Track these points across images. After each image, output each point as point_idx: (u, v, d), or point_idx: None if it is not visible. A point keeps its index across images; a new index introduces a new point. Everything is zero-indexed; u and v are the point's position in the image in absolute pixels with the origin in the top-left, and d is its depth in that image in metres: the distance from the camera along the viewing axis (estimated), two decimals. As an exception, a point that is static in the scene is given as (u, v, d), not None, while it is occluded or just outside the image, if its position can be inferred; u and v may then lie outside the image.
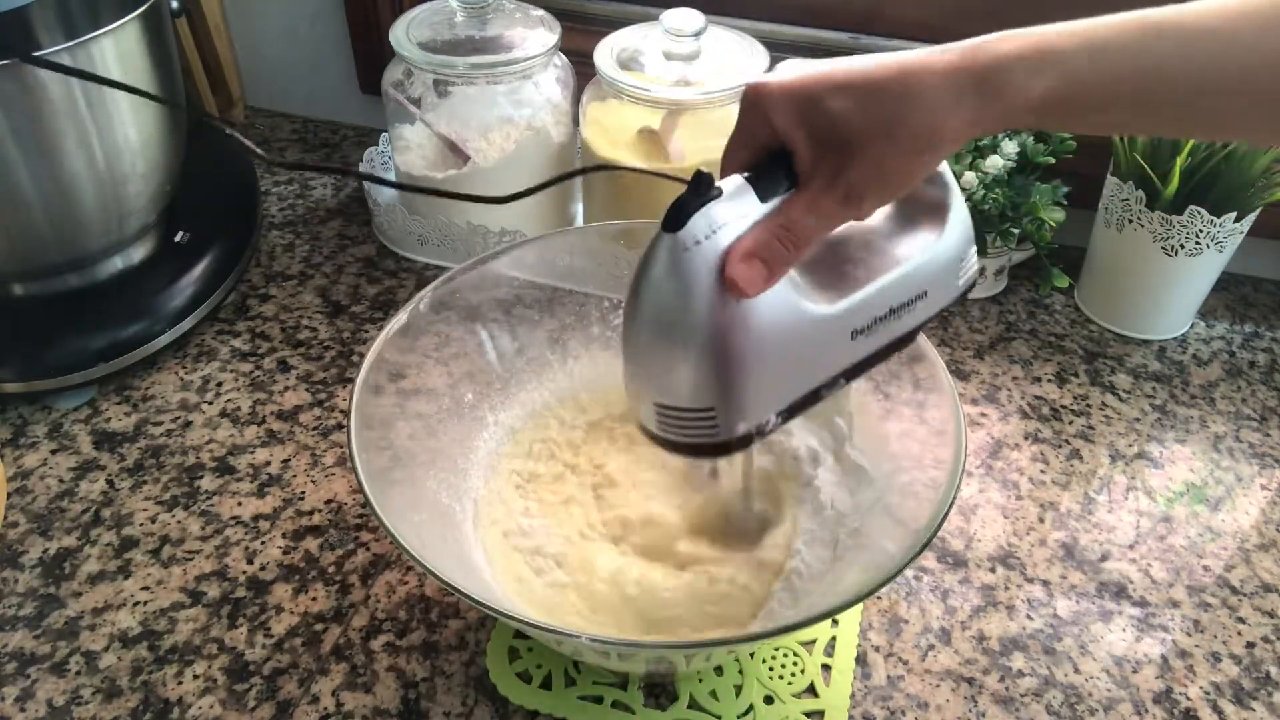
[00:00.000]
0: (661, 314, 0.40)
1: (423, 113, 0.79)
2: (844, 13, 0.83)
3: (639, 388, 0.43)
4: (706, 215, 0.39)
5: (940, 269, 0.45)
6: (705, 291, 0.39)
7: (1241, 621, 0.60)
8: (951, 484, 0.47)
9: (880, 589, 0.44)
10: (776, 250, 0.39)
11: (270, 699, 0.53)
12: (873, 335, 0.44)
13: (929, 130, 0.38)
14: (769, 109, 0.39)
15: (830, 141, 0.38)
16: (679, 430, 0.43)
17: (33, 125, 0.61)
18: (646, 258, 0.40)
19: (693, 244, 0.38)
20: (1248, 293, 0.85)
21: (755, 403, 0.42)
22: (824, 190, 0.39)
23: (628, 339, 0.42)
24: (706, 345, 0.40)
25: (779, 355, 0.41)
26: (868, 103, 0.38)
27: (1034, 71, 0.37)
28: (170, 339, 0.72)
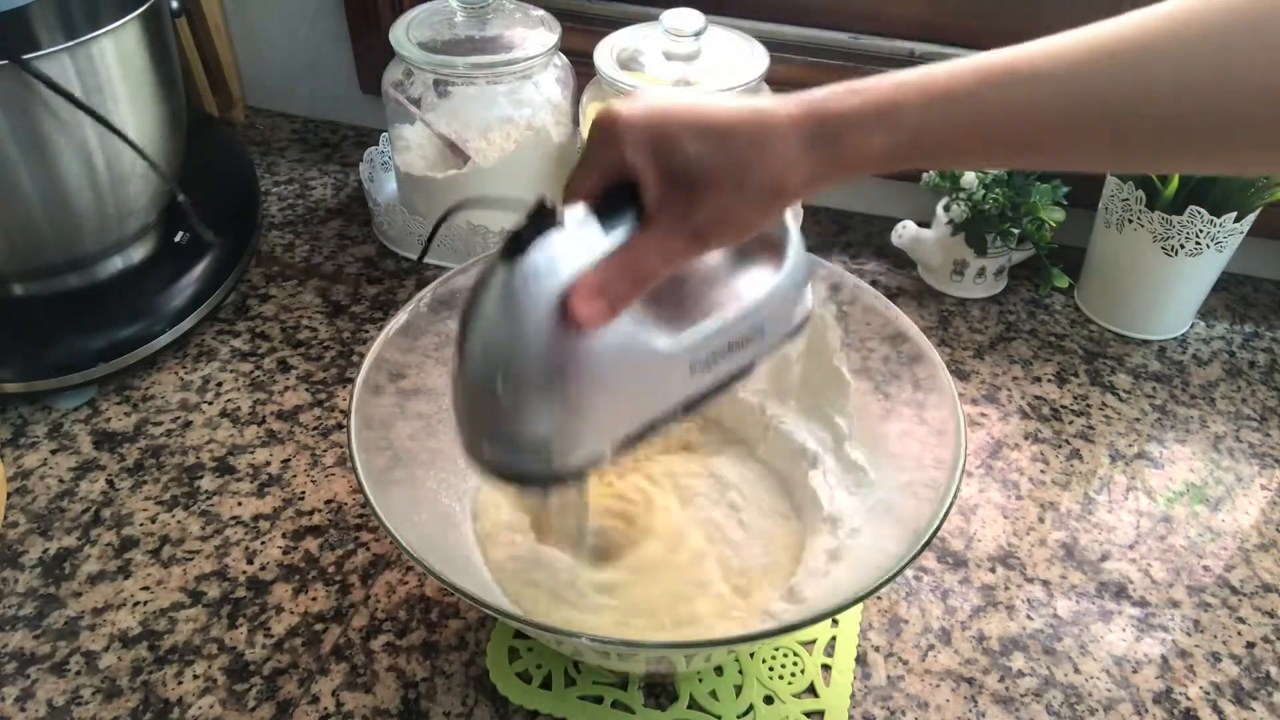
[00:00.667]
0: (494, 346, 0.39)
1: (423, 113, 0.79)
2: (844, 13, 0.83)
3: (469, 418, 0.42)
4: (547, 246, 0.38)
5: (777, 305, 0.45)
6: (542, 324, 0.37)
7: (1241, 621, 0.60)
8: (951, 484, 0.47)
9: (880, 589, 0.44)
10: (620, 287, 0.38)
11: (270, 699, 0.53)
12: (711, 370, 0.44)
13: (774, 181, 0.38)
14: (621, 141, 0.39)
15: (679, 180, 0.38)
16: (511, 463, 0.42)
17: (33, 125, 0.61)
18: (480, 286, 0.39)
19: (531, 275, 0.37)
20: (1248, 293, 0.85)
21: (591, 435, 0.41)
22: (671, 229, 0.39)
23: (459, 368, 0.41)
24: (540, 378, 0.39)
25: (616, 388, 0.41)
26: (719, 148, 0.38)
27: (871, 129, 0.38)
28: (170, 339, 0.72)
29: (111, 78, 0.63)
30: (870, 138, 0.38)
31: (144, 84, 0.67)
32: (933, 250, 0.82)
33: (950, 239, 0.80)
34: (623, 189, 0.39)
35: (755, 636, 0.46)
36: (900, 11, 0.82)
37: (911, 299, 0.82)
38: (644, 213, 0.39)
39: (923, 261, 0.84)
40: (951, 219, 0.79)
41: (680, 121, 0.38)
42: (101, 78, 0.63)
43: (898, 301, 0.81)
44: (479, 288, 0.39)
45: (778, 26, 0.85)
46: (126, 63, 0.64)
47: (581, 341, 0.38)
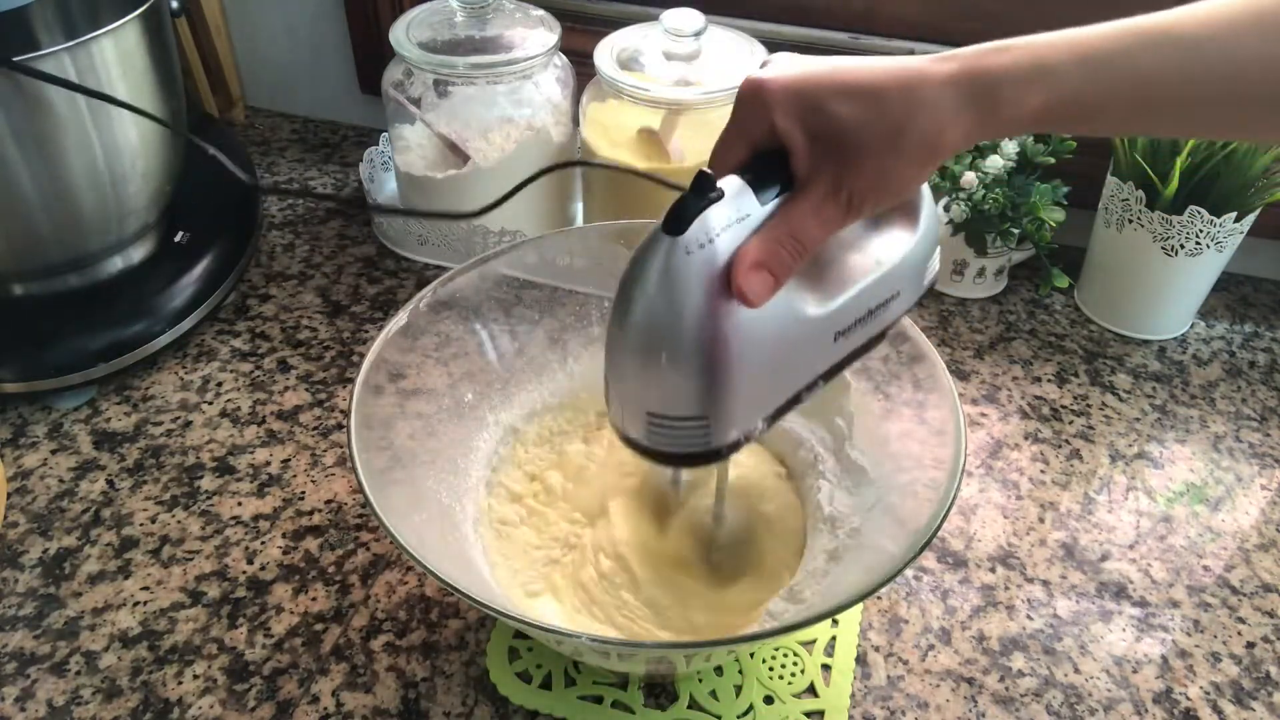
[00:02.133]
0: (656, 321, 0.39)
1: (423, 113, 0.79)
2: (844, 13, 0.83)
3: (626, 396, 0.42)
4: (706, 219, 0.38)
5: (912, 269, 0.45)
6: (704, 298, 0.38)
7: (1241, 621, 0.60)
8: (951, 484, 0.47)
9: (880, 589, 0.44)
10: (783, 258, 0.38)
11: (270, 699, 0.53)
12: (852, 335, 0.44)
13: (930, 139, 0.38)
14: (770, 107, 0.39)
15: (831, 145, 0.38)
16: (669, 439, 0.42)
17: (33, 125, 0.61)
18: (641, 261, 0.39)
19: (695, 248, 0.37)
20: (1248, 293, 0.85)
21: (747, 409, 0.42)
22: (827, 197, 0.38)
23: (616, 345, 0.41)
24: (703, 353, 0.39)
25: (771, 360, 0.41)
26: (871, 109, 0.37)
27: (1029, 84, 0.37)
28: (170, 339, 0.72)
29: (111, 78, 0.63)
30: (1027, 95, 0.37)
31: (144, 84, 0.67)
32: (933, 250, 0.82)
33: (950, 239, 0.80)
34: (774, 156, 0.39)
35: (755, 636, 0.46)
36: (900, 11, 0.82)
37: (911, 299, 0.82)
38: (796, 180, 0.39)
39: (923, 261, 0.84)
40: (951, 219, 0.79)
41: (828, 84, 0.38)
42: (101, 78, 0.63)
43: (898, 301, 0.81)
44: (639, 263, 0.39)
45: (778, 26, 0.85)
46: (126, 63, 0.64)
47: (740, 314, 0.38)
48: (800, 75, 0.38)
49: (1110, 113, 0.38)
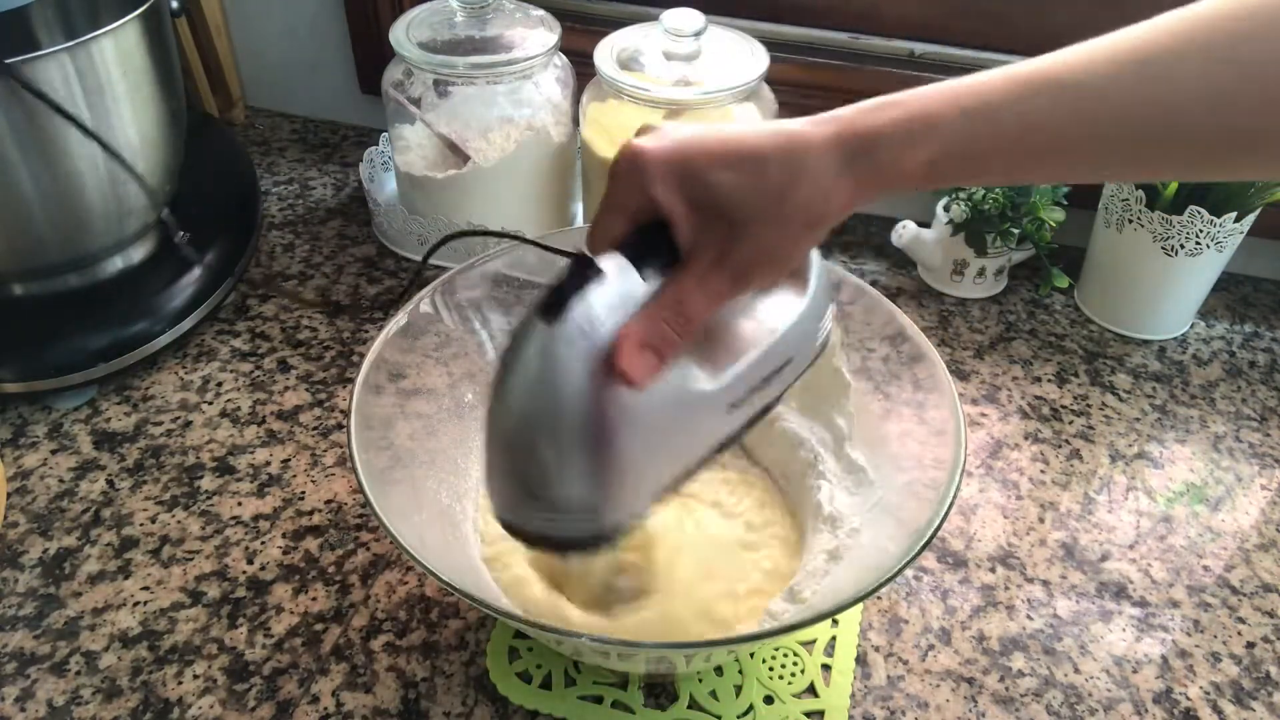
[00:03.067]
0: (537, 412, 0.37)
1: (423, 113, 0.79)
2: (844, 13, 0.83)
3: (508, 486, 0.40)
4: (587, 303, 0.36)
5: (804, 332, 0.43)
6: (587, 385, 0.36)
7: (1241, 621, 0.60)
8: (951, 484, 0.47)
9: (880, 589, 0.44)
10: (667, 336, 0.37)
11: (270, 699, 0.53)
12: (747, 405, 0.42)
13: (814, 205, 0.37)
14: (648, 178, 0.37)
15: (714, 216, 0.36)
16: (555, 528, 0.40)
17: (33, 125, 0.61)
18: (518, 348, 0.37)
19: (576, 334, 0.36)
20: (1248, 293, 0.85)
21: (636, 491, 0.40)
22: (711, 269, 0.37)
23: (494, 437, 0.39)
24: (589, 442, 0.37)
25: (662, 440, 0.40)
26: (752, 178, 0.36)
27: (909, 143, 0.36)
28: (170, 339, 0.72)
29: (111, 78, 0.63)
30: (909, 152, 0.36)
31: (144, 84, 0.67)
32: (933, 250, 0.82)
33: (950, 239, 0.80)
34: (654, 229, 0.38)
35: (755, 636, 0.46)
36: (900, 11, 0.82)
37: (911, 299, 0.82)
38: (680, 252, 0.38)
39: (923, 261, 0.84)
40: (951, 219, 0.79)
41: (708, 153, 0.37)
42: (101, 78, 0.63)
43: (898, 301, 0.81)
44: (517, 349, 0.37)
45: (778, 26, 0.85)
46: (126, 63, 0.64)
47: (627, 397, 0.37)
48: (679, 144, 0.37)
49: (995, 162, 0.37)
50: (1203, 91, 0.34)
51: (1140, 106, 0.35)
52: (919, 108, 0.37)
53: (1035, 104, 0.36)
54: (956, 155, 0.37)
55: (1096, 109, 0.36)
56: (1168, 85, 0.35)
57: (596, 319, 0.36)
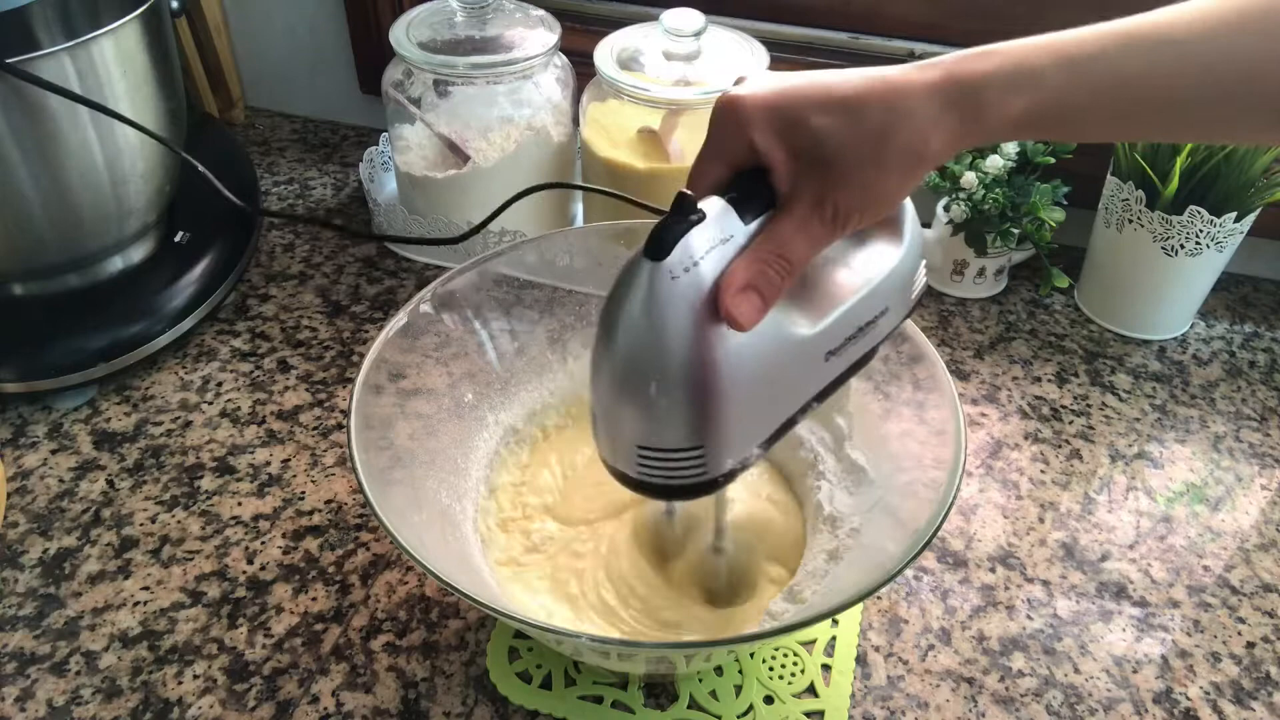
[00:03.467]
0: (643, 351, 0.37)
1: (423, 113, 0.79)
2: (844, 13, 0.83)
3: (615, 430, 0.41)
4: (689, 242, 0.36)
5: (899, 282, 0.43)
6: (692, 325, 0.36)
7: (1241, 621, 0.60)
8: (951, 484, 0.47)
9: (880, 589, 0.44)
10: (770, 279, 0.37)
11: (270, 699, 0.53)
12: (843, 355, 0.43)
13: (914, 149, 0.37)
14: (747, 125, 0.37)
15: (813, 161, 0.37)
16: (662, 473, 0.40)
17: (33, 126, 0.61)
18: (624, 288, 0.37)
19: (680, 273, 0.36)
20: (1248, 293, 0.85)
21: (741, 436, 0.40)
22: (812, 213, 0.37)
23: (601, 377, 0.39)
24: (695, 383, 0.37)
25: (764, 385, 0.40)
26: (852, 122, 0.36)
27: (1012, 90, 0.37)
28: (170, 339, 0.72)
29: (111, 78, 0.63)
30: (1011, 99, 0.37)
31: (144, 84, 0.67)
32: (933, 250, 0.82)
33: (950, 239, 0.80)
34: (755, 175, 0.38)
35: (755, 636, 0.46)
36: (900, 11, 0.82)
37: (911, 299, 0.82)
38: (779, 197, 0.38)
39: (923, 261, 0.84)
40: (951, 219, 0.79)
41: (806, 98, 0.37)
42: (101, 78, 0.63)
43: (898, 301, 0.81)
44: (622, 291, 0.37)
45: (778, 26, 0.85)
46: (126, 63, 0.64)
47: (730, 339, 0.37)
48: (777, 91, 0.37)
49: (1093, 116, 0.38)
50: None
51: (1241, 65, 0.36)
52: (1021, 56, 0.37)
53: (1135, 59, 0.36)
54: (1055, 106, 0.37)
55: (1196, 66, 0.36)
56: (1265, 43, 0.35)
57: (699, 259, 0.36)
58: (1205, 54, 0.36)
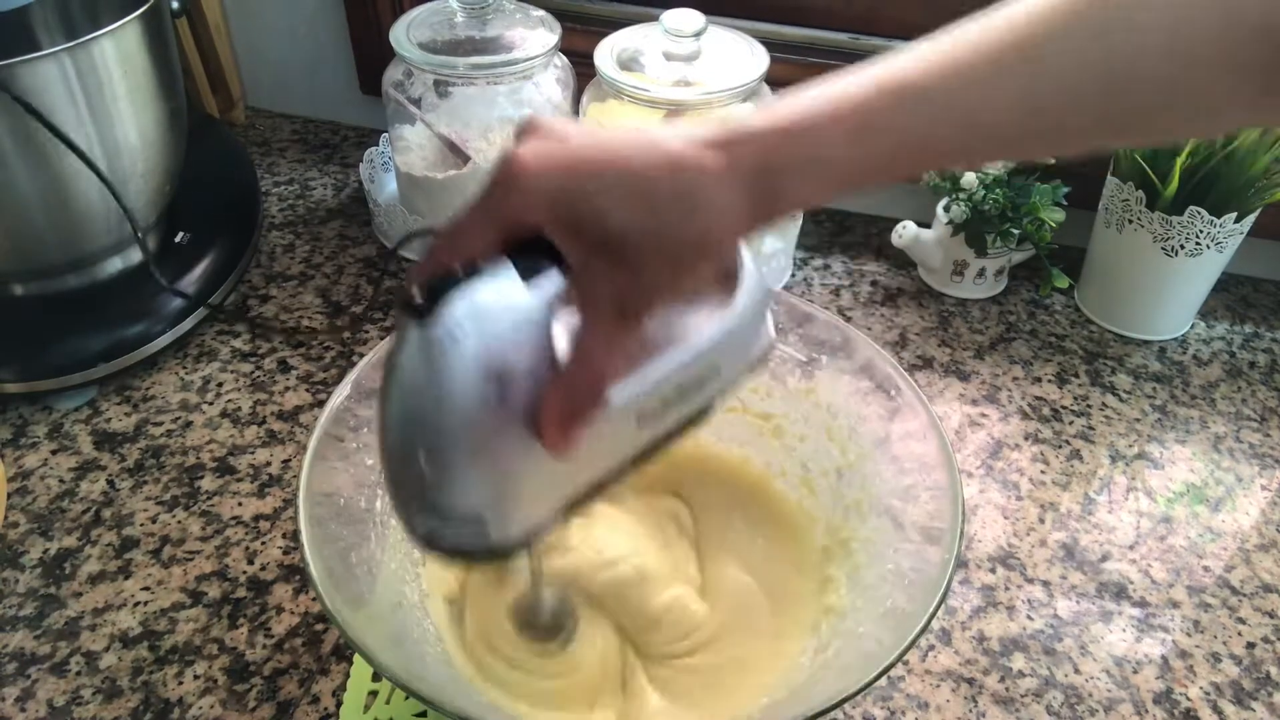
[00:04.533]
0: (416, 415, 0.35)
1: (423, 113, 0.79)
2: (844, 13, 0.83)
3: (398, 495, 0.38)
4: (460, 300, 0.34)
5: (733, 341, 0.40)
6: (467, 389, 0.34)
7: (1241, 622, 0.60)
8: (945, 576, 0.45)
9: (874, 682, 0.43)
10: (588, 401, 0.35)
11: (270, 699, 0.53)
12: (662, 418, 0.40)
13: (710, 236, 0.35)
14: (531, 203, 0.34)
15: (602, 247, 0.34)
16: (446, 539, 0.38)
17: (33, 125, 0.61)
18: (396, 351, 0.35)
19: (449, 333, 0.34)
20: (1248, 293, 0.85)
21: (530, 504, 0.38)
22: (614, 322, 0.35)
23: (382, 442, 0.37)
24: (470, 449, 0.35)
25: (550, 456, 0.37)
26: (643, 211, 0.34)
27: (804, 177, 0.36)
28: (170, 339, 0.72)
29: (111, 78, 0.63)
30: (805, 185, 0.36)
31: (144, 84, 0.67)
32: (933, 250, 0.82)
33: (950, 239, 0.80)
34: (535, 240, 0.35)
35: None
36: (900, 13, 0.82)
37: (911, 299, 0.82)
38: (567, 274, 0.36)
39: (923, 262, 0.84)
40: (951, 219, 0.79)
41: (597, 175, 0.34)
42: (101, 78, 0.63)
43: (898, 302, 0.81)
44: (395, 353, 0.35)
45: (778, 26, 0.85)
46: (126, 63, 0.64)
47: (511, 404, 0.34)
48: (566, 165, 0.35)
49: (877, 179, 0.37)
50: (1083, 80, 0.35)
51: (1029, 104, 0.36)
52: (811, 137, 0.36)
53: (915, 119, 0.36)
54: (846, 181, 0.37)
55: (982, 116, 0.36)
56: (1052, 80, 0.35)
57: (474, 318, 0.34)
58: (990, 102, 0.36)
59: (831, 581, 0.54)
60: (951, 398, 0.73)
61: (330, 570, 0.45)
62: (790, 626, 0.53)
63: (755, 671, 0.51)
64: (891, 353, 0.60)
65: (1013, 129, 0.36)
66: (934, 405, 0.53)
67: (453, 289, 0.34)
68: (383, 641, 0.44)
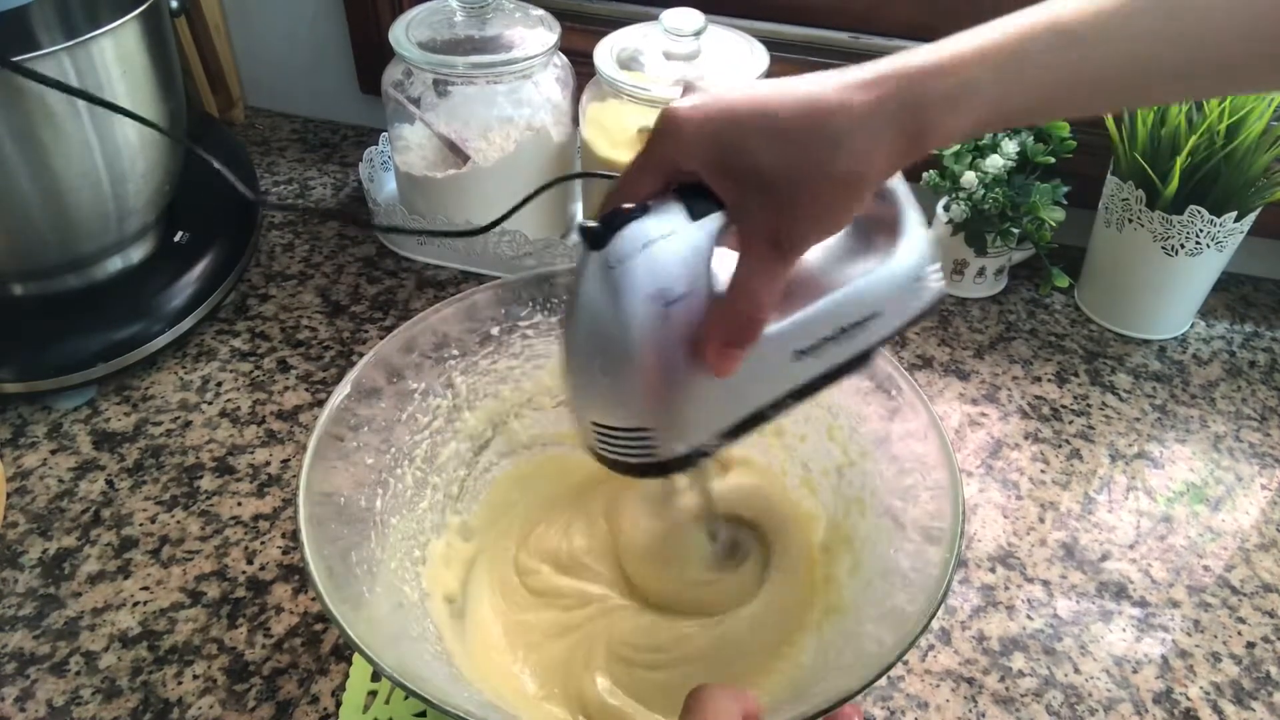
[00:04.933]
0: (594, 333, 0.39)
1: (423, 113, 0.79)
2: (844, 13, 0.83)
3: (577, 406, 0.42)
4: (635, 231, 0.37)
5: (893, 288, 0.42)
6: (638, 310, 0.37)
7: (1241, 621, 0.60)
8: (942, 584, 0.45)
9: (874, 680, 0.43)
10: (747, 328, 0.37)
11: (270, 699, 0.53)
12: (820, 356, 0.42)
13: (856, 174, 0.37)
14: (689, 149, 0.37)
15: (757, 189, 0.37)
16: (617, 450, 0.41)
17: (32, 125, 0.61)
18: (577, 277, 0.39)
19: (624, 259, 0.37)
20: (1248, 293, 0.85)
21: (693, 423, 0.41)
22: (768, 251, 0.37)
23: (565, 358, 0.41)
24: (640, 365, 0.38)
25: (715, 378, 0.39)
26: (793, 149, 0.36)
27: (954, 108, 0.37)
28: (170, 339, 0.72)
29: (111, 78, 0.63)
30: (953, 118, 0.37)
31: (144, 84, 0.67)
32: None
33: (950, 238, 0.80)
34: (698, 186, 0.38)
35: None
36: (900, 12, 0.82)
37: (911, 299, 0.82)
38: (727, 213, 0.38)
39: (923, 261, 0.84)
40: (951, 219, 0.79)
41: (747, 123, 0.36)
42: (101, 78, 0.63)
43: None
44: (576, 278, 0.39)
45: (778, 26, 0.85)
46: (126, 63, 0.64)
47: (679, 326, 0.38)
48: (718, 113, 0.37)
49: (1027, 117, 0.38)
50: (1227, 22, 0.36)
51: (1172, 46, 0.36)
52: (961, 70, 0.37)
53: (1069, 59, 0.36)
54: (995, 115, 0.37)
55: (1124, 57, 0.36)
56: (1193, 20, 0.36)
57: (643, 243, 0.37)
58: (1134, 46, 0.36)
59: (832, 581, 0.54)
60: (951, 397, 0.73)
61: (330, 570, 0.45)
62: (790, 625, 0.53)
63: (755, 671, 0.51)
64: (891, 352, 0.60)
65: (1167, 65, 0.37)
66: (934, 405, 0.53)
67: (625, 223, 0.37)
68: (383, 641, 0.44)
